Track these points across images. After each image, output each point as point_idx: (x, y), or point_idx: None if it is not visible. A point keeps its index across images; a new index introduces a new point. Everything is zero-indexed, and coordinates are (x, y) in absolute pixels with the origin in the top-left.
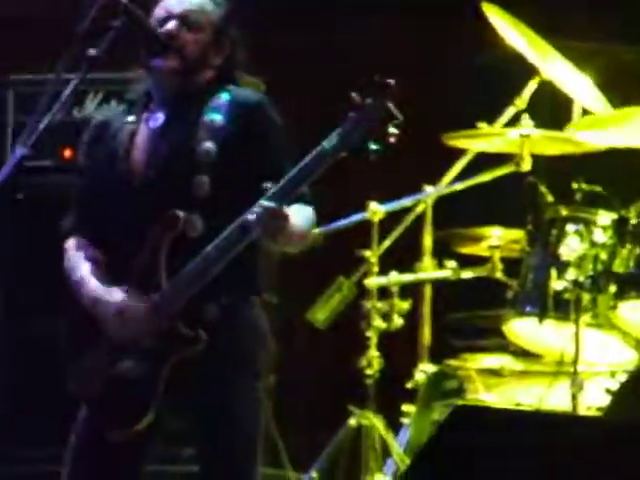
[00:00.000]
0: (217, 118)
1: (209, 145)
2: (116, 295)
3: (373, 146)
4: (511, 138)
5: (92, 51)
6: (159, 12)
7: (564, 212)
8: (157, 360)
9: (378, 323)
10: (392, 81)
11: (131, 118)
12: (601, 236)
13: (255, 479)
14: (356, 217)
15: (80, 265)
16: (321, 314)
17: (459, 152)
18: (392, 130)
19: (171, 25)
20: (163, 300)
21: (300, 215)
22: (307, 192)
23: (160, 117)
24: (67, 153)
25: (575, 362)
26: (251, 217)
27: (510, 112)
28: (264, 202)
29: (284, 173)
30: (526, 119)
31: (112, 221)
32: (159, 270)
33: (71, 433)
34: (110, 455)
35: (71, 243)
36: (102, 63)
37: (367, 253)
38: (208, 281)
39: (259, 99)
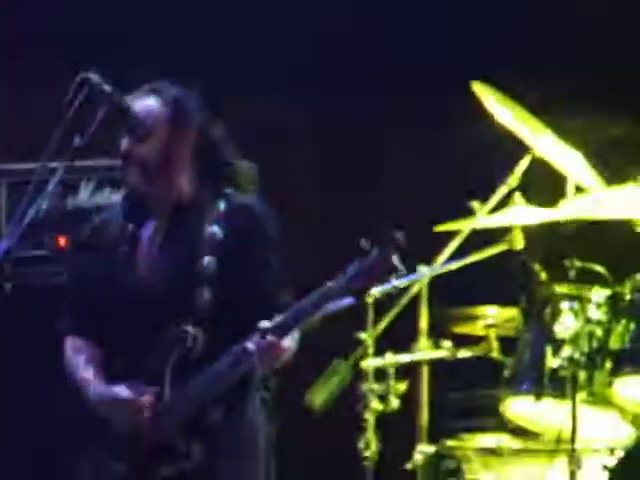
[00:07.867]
0: (216, 231)
1: (209, 259)
2: (122, 392)
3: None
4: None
5: (77, 140)
6: None
7: (558, 290)
8: (149, 469)
9: (375, 405)
10: (400, 234)
11: (131, 226)
12: (596, 313)
13: None
14: (351, 299)
15: (80, 366)
16: (318, 398)
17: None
18: (392, 280)
19: (123, 145)
20: (165, 412)
21: (291, 339)
22: None
23: (155, 225)
24: (62, 242)
25: (572, 439)
26: (251, 347)
27: (503, 190)
28: (268, 337)
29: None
30: (519, 197)
31: (114, 323)
32: (164, 382)
33: None
34: None
35: (68, 344)
36: (93, 150)
37: (363, 335)
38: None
39: (253, 211)
